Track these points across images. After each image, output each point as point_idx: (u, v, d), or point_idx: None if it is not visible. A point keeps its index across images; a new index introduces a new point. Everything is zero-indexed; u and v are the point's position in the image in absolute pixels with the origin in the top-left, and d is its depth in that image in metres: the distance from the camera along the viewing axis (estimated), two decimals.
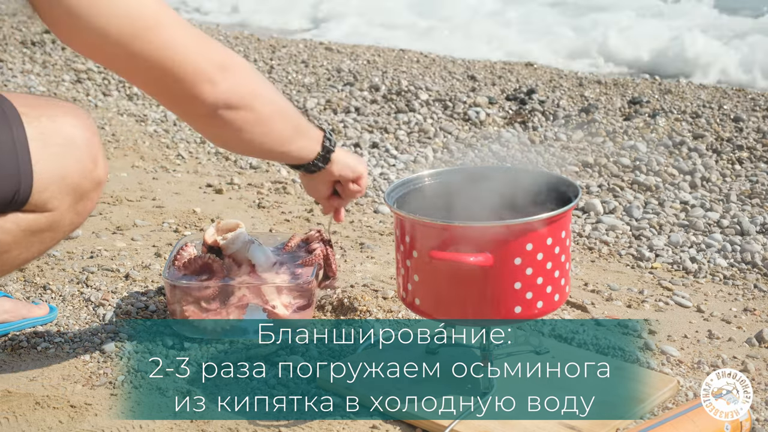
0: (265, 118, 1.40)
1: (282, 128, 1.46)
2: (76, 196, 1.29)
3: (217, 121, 1.35)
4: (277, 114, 1.44)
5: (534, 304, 1.49)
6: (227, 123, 1.35)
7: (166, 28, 1.26)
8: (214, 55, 1.32)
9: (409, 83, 4.06)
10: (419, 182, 1.67)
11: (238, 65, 1.36)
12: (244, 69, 1.37)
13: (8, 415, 1.57)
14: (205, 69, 1.30)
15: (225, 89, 1.32)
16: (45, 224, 1.28)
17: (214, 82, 1.30)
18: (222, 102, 1.32)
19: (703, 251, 2.41)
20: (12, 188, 1.22)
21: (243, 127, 1.37)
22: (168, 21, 1.27)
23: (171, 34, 1.27)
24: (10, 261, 1.29)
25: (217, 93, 1.31)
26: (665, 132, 3.39)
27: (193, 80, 1.29)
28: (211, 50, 1.32)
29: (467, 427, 1.48)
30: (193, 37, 1.30)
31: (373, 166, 3.12)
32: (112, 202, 2.71)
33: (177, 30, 1.28)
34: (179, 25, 1.29)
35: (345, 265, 2.27)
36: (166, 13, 1.27)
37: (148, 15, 1.25)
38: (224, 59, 1.33)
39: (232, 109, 1.34)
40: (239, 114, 1.35)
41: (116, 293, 2.05)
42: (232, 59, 1.35)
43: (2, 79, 4.34)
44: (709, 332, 1.93)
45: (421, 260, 1.50)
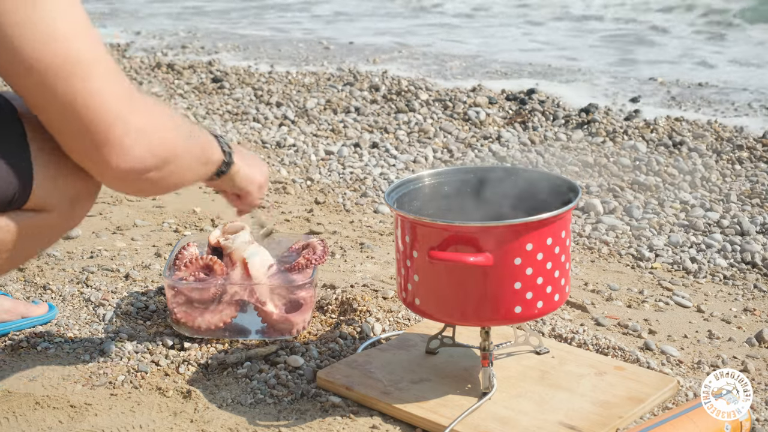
0: (175, 171, 1.34)
1: (191, 172, 1.41)
2: (75, 195, 1.29)
3: (125, 183, 1.29)
4: (185, 165, 1.37)
5: (534, 304, 1.49)
6: (135, 182, 1.28)
7: (91, 73, 1.18)
8: (132, 116, 1.22)
9: (409, 83, 4.06)
10: (419, 182, 1.67)
11: (154, 125, 1.26)
12: (161, 128, 1.28)
13: (8, 415, 1.57)
14: (116, 132, 1.20)
15: (133, 158, 1.23)
16: (44, 224, 1.28)
17: (123, 150, 1.22)
18: (129, 169, 1.25)
19: (703, 251, 2.41)
20: (12, 188, 1.22)
21: (150, 182, 1.30)
22: (95, 65, 1.19)
23: (93, 82, 1.18)
24: (8, 260, 1.29)
25: (125, 162, 1.23)
26: (665, 132, 3.39)
27: (103, 142, 1.20)
28: (131, 108, 1.22)
29: (467, 427, 1.48)
30: (116, 89, 1.21)
31: (373, 166, 3.13)
32: (112, 202, 2.71)
33: (101, 78, 1.19)
34: (106, 73, 1.20)
35: (345, 265, 2.27)
36: (96, 56, 1.19)
37: (77, 54, 1.17)
38: (142, 121, 1.24)
39: (139, 173, 1.27)
40: (147, 175, 1.28)
41: (116, 293, 2.05)
42: (149, 119, 1.25)
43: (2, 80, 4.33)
44: (709, 332, 1.93)
45: (421, 260, 1.50)
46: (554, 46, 5.62)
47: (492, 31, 6.29)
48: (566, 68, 4.71)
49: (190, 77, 4.36)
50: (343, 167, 3.11)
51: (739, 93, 4.07)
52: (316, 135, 3.49)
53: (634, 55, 5.24)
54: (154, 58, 4.71)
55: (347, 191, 2.89)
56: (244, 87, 4.16)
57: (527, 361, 1.69)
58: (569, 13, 6.99)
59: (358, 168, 3.09)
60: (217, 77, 4.28)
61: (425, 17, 7.00)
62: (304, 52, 4.91)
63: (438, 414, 1.52)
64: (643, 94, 4.05)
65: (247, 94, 4.04)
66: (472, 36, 6.05)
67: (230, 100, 3.99)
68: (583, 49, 5.47)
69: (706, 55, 5.11)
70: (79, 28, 1.18)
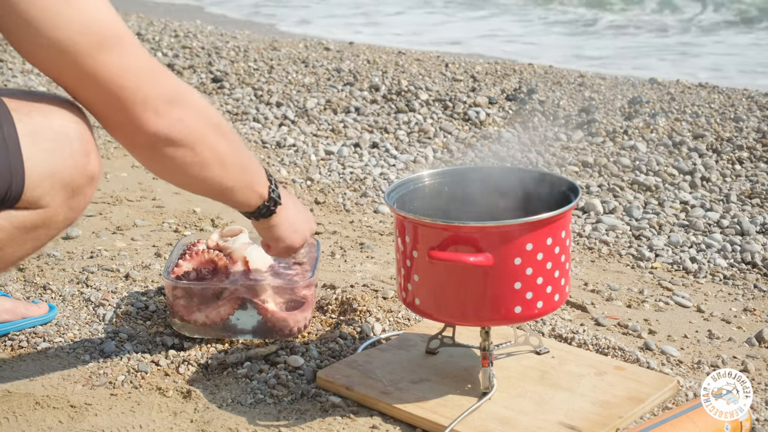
0: (205, 162, 1.37)
1: (222, 176, 1.42)
2: (70, 191, 1.28)
3: (156, 154, 1.32)
4: (218, 162, 1.39)
5: (534, 304, 1.49)
6: (165, 158, 1.33)
7: (123, 50, 1.24)
8: (166, 87, 1.29)
9: (409, 83, 4.06)
10: (419, 182, 1.67)
11: (189, 103, 1.32)
12: (195, 108, 1.34)
13: (8, 415, 1.57)
14: (152, 98, 1.26)
15: (167, 124, 1.29)
16: (39, 221, 1.27)
17: (159, 114, 1.27)
18: (163, 135, 1.29)
19: (703, 251, 2.41)
20: (4, 186, 1.21)
21: (180, 165, 1.34)
22: (126, 43, 1.24)
23: (127, 58, 1.24)
24: (4, 259, 1.28)
25: (159, 125, 1.28)
26: (665, 132, 3.39)
27: (139, 108, 1.26)
28: (164, 81, 1.29)
29: (467, 427, 1.48)
30: (148, 64, 1.27)
31: (373, 166, 3.13)
32: (112, 202, 2.71)
33: (133, 54, 1.25)
34: (136, 49, 1.26)
35: (345, 265, 2.27)
36: (126, 35, 1.25)
37: (107, 34, 1.22)
38: (176, 93, 1.30)
39: (171, 146, 1.31)
40: (178, 152, 1.32)
41: (116, 293, 2.05)
42: (184, 95, 1.31)
43: (2, 79, 4.34)
44: (709, 332, 1.93)
45: (421, 260, 1.50)
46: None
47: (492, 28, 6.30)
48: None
49: (190, 77, 4.36)
50: (343, 167, 3.11)
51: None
52: (316, 135, 3.49)
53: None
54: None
55: (347, 191, 2.89)
56: (244, 87, 4.16)
57: (527, 361, 1.69)
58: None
59: (358, 168, 3.10)
60: (217, 77, 4.28)
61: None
62: (304, 52, 4.91)
63: (438, 414, 1.52)
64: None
65: (247, 94, 4.04)
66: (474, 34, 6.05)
67: (230, 100, 3.99)
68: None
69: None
70: (105, 6, 1.24)
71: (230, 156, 1.42)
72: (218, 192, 1.46)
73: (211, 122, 1.37)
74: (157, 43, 5.10)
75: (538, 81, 4.22)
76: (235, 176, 1.45)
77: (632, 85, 4.18)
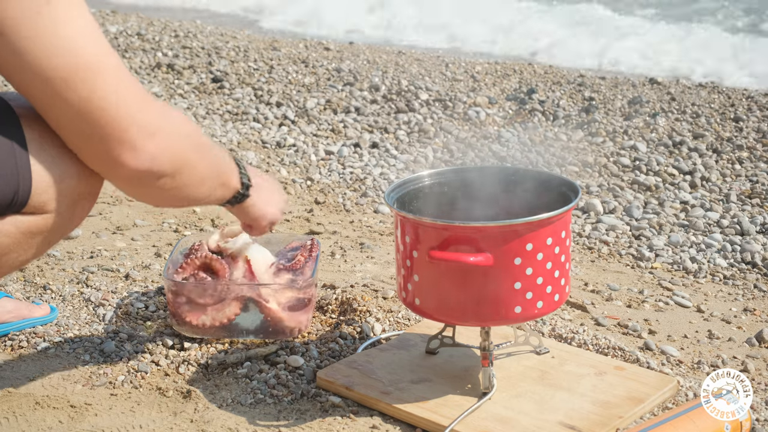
0: (185, 184, 1.35)
1: (201, 189, 1.41)
2: (75, 197, 1.29)
3: (136, 185, 1.30)
4: (197, 180, 1.38)
5: (534, 304, 1.49)
6: (145, 187, 1.30)
7: (105, 77, 1.20)
8: (146, 118, 1.24)
9: (409, 83, 4.06)
10: (419, 182, 1.67)
11: (167, 131, 1.28)
12: (174, 134, 1.29)
13: (8, 415, 1.57)
14: (131, 133, 1.22)
15: (147, 159, 1.25)
16: (44, 226, 1.28)
17: (137, 150, 1.23)
18: (143, 170, 1.26)
19: (703, 251, 2.41)
20: (11, 191, 1.22)
21: (160, 191, 1.32)
22: (108, 70, 1.20)
23: (107, 86, 1.20)
24: (9, 263, 1.28)
25: (138, 162, 1.25)
26: (665, 132, 3.39)
27: (117, 142, 1.22)
28: (145, 111, 1.24)
29: (467, 427, 1.48)
30: (130, 92, 1.23)
31: (373, 166, 3.13)
32: (112, 202, 2.71)
33: (114, 82, 1.21)
34: (118, 77, 1.22)
35: (345, 265, 2.27)
36: (108, 61, 1.20)
37: (89, 59, 1.18)
38: (156, 123, 1.26)
39: (151, 178, 1.28)
40: (158, 182, 1.30)
41: (116, 293, 2.05)
42: (162, 126, 1.27)
43: (2, 79, 4.34)
44: (709, 332, 1.93)
45: (421, 260, 1.50)
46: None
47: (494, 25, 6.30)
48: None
49: (190, 77, 4.36)
50: (343, 167, 3.11)
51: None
52: (316, 135, 3.49)
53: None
54: (154, 57, 4.71)
55: (347, 191, 2.89)
56: (244, 87, 4.16)
57: (527, 361, 1.69)
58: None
59: (358, 168, 3.09)
60: (217, 77, 4.28)
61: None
62: (304, 52, 4.91)
63: (438, 414, 1.52)
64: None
65: (247, 94, 4.04)
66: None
67: (230, 100, 3.98)
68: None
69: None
70: (89, 33, 1.19)
71: (207, 169, 1.40)
72: (197, 202, 1.44)
73: (189, 143, 1.34)
74: (157, 43, 5.09)
75: (538, 81, 4.22)
76: (212, 183, 1.44)
77: (632, 85, 4.18)
